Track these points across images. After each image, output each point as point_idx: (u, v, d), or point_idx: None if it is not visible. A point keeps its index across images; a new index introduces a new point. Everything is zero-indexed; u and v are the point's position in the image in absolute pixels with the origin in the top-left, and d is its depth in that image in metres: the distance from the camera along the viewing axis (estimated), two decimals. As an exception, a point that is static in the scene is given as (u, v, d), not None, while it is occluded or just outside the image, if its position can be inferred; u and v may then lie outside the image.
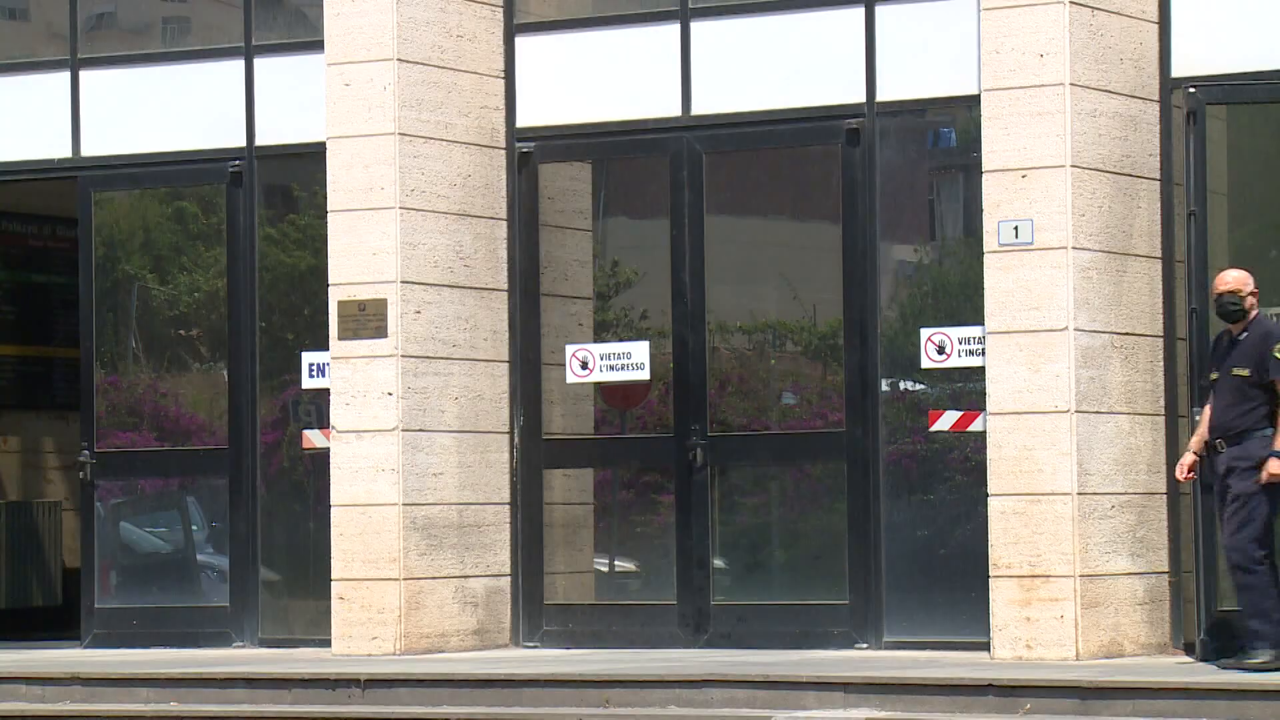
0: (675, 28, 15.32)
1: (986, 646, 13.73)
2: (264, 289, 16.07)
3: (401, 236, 14.97)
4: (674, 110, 15.32)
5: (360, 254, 15.01)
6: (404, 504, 14.90)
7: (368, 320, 14.98)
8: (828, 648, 14.54)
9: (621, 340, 15.58)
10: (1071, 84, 13.61)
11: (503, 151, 15.61)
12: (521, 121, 15.65)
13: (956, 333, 14.44)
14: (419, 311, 15.05)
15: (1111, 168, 13.90)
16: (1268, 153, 14.37)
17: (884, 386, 14.81)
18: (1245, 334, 13.09)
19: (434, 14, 15.18)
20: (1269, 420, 13.01)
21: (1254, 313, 13.17)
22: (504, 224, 15.62)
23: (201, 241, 16.56)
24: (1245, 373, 13.05)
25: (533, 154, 15.65)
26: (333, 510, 15.08)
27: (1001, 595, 13.65)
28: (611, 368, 15.53)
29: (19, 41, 17.40)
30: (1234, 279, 13.20)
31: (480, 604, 15.38)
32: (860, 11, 14.80)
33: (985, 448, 13.84)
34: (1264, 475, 12.86)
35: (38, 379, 19.41)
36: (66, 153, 16.57)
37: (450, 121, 15.29)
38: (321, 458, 15.44)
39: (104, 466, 16.48)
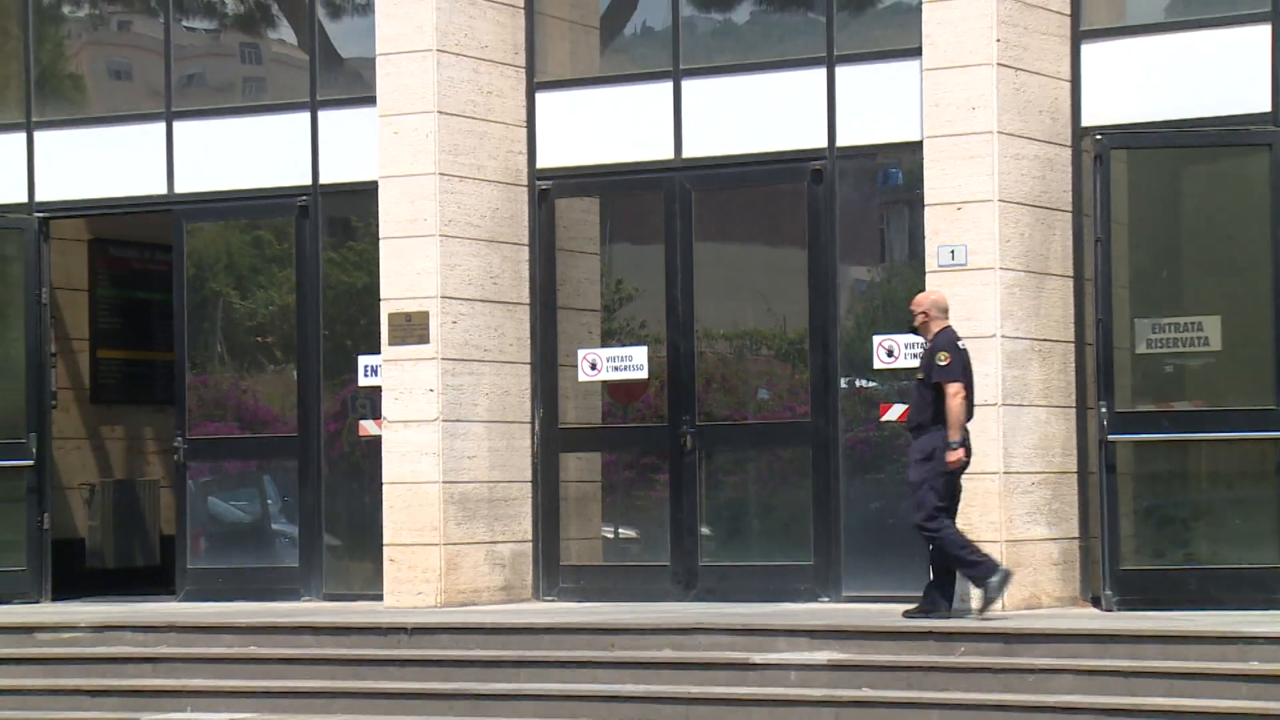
0: (669, 85, 15.30)
1: (928, 600, 13.69)
2: (327, 303, 16.06)
3: (441, 259, 14.95)
4: (668, 154, 15.29)
5: (407, 274, 14.99)
6: (443, 482, 14.87)
7: (413, 329, 14.95)
8: (796, 601, 14.54)
9: (624, 345, 15.56)
10: (998, 132, 13.60)
11: (525, 189, 15.58)
12: (541, 163, 15.63)
13: (903, 339, 14.40)
14: (455, 322, 15.03)
15: (1032, 202, 13.87)
16: (1160, 189, 14.35)
17: (843, 384, 14.81)
18: (930, 344, 13.17)
19: (468, 74, 15.16)
20: (937, 418, 13.03)
21: (937, 327, 13.21)
22: (526, 249, 15.59)
23: (275, 264, 16.54)
24: (921, 377, 13.19)
25: (550, 191, 15.62)
26: (384, 487, 15.07)
27: (940, 557, 13.62)
28: (616, 368, 15.51)
29: (124, 98, 17.38)
30: (916, 299, 13.44)
31: (507, 565, 15.35)
32: (823, 71, 14.78)
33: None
34: (946, 464, 12.95)
35: (140, 378, 19.38)
36: (163, 190, 16.55)
37: (481, 164, 15.26)
38: (374, 443, 15.42)
39: (194, 451, 16.48)
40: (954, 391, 12.95)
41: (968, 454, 13.02)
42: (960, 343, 13.14)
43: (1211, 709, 11.48)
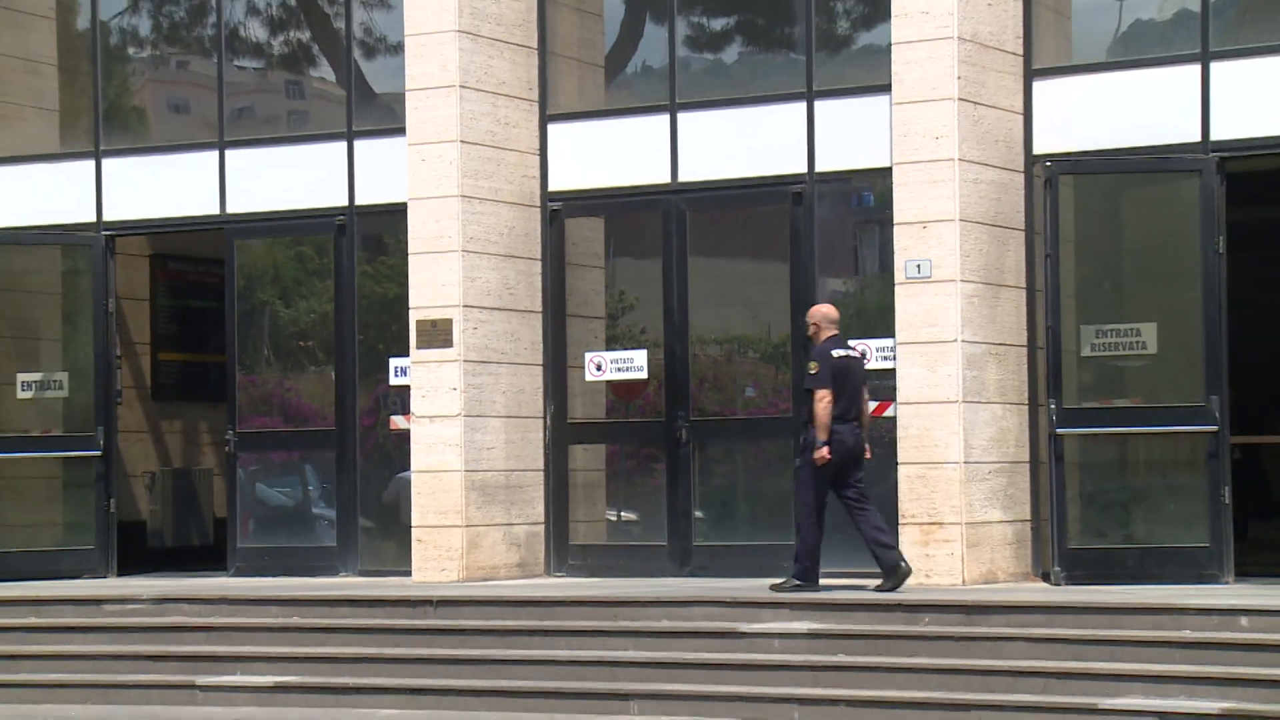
0: (666, 117, 15.30)
1: (896, 576, 13.69)
2: (362, 311, 16.04)
3: (463, 273, 14.94)
4: (665, 178, 15.29)
5: (433, 286, 14.98)
6: (465, 470, 14.87)
7: (438, 334, 14.95)
8: (779, 577, 14.48)
9: (626, 349, 15.54)
10: (959, 159, 13.60)
11: (538, 209, 15.58)
12: (552, 187, 15.62)
13: (875, 343, 14.39)
14: (476, 328, 15.02)
15: (989, 221, 13.87)
16: (1102, 210, 14.36)
17: (820, 383, 14.76)
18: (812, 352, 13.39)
19: (487, 108, 15.16)
20: (811, 419, 13.17)
21: (825, 335, 13.34)
22: (539, 263, 15.58)
23: (315, 276, 16.53)
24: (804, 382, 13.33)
25: (560, 211, 15.62)
26: (413, 476, 15.06)
27: (908, 537, 13.63)
28: (619, 369, 15.50)
29: (182, 129, 17.40)
30: (809, 311, 13.65)
31: (522, 544, 15.35)
32: (803, 105, 14.78)
33: (896, 429, 13.84)
34: (815, 458, 13.11)
35: (195, 378, 19.38)
36: (216, 210, 16.53)
37: (499, 187, 15.26)
38: (404, 436, 15.41)
39: (244, 443, 16.46)
40: (819, 397, 13.08)
41: (850, 450, 13.17)
42: (839, 351, 13.24)
43: (1149, 673, 11.49)
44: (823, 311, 13.50)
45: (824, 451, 13.06)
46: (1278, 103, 13.59)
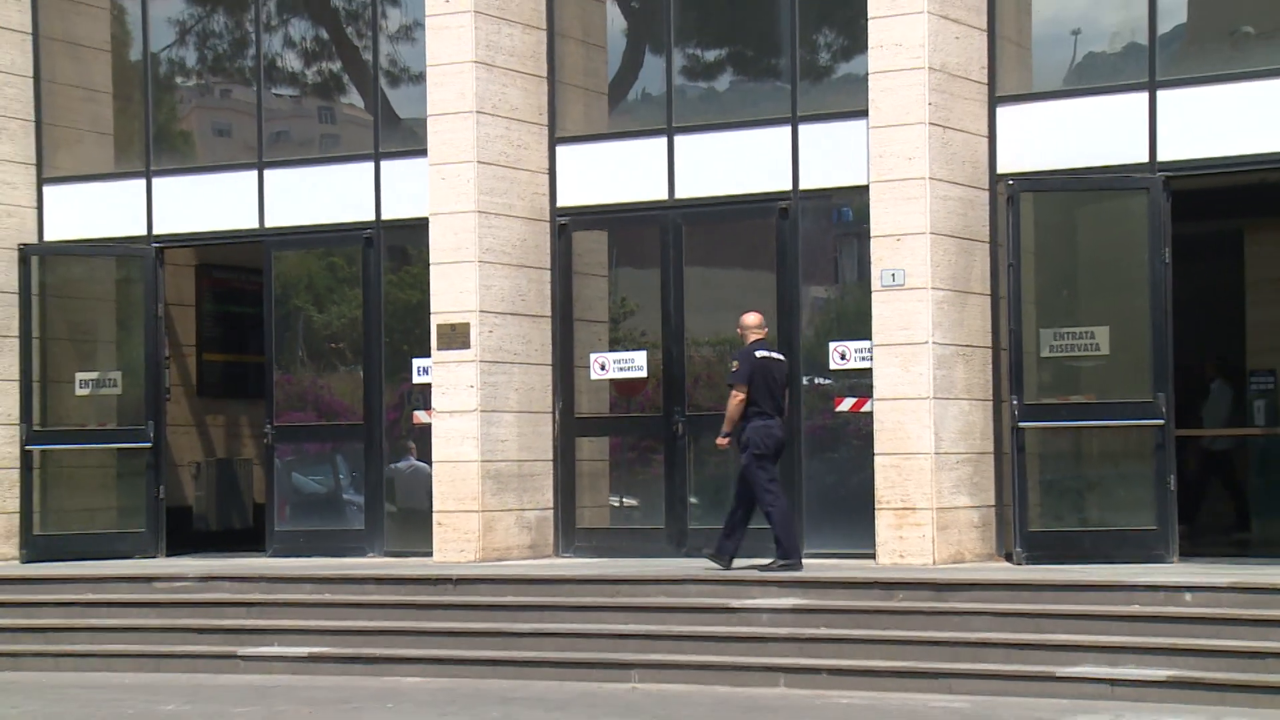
0: (664, 140, 15.29)
1: (873, 556, 13.70)
2: (387, 316, 16.03)
3: (479, 281, 14.93)
4: (663, 195, 15.27)
5: (452, 293, 14.98)
6: (481, 460, 14.86)
7: (457, 337, 14.94)
8: (766, 557, 14.47)
9: (628, 350, 15.53)
10: (930, 178, 13.59)
11: (547, 223, 15.57)
12: (560, 203, 15.61)
13: (853, 345, 14.39)
14: (491, 331, 15.01)
15: (956, 234, 13.87)
16: (1060, 224, 14.35)
17: (804, 381, 14.78)
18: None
19: (501, 131, 15.16)
20: (744, 415, 13.24)
21: (751, 339, 13.50)
22: (548, 272, 15.57)
23: (345, 284, 16.52)
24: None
25: (568, 225, 15.61)
26: (434, 465, 15.05)
27: (883, 521, 13.62)
28: (621, 369, 15.49)
29: (225, 151, 17.38)
30: (740, 318, 13.71)
31: (532, 528, 15.34)
32: (788, 129, 14.79)
33: (872, 422, 13.82)
34: (717, 444, 13.35)
35: (237, 377, 19.40)
36: (255, 224, 16.52)
37: (512, 203, 15.25)
38: (425, 429, 15.40)
39: (280, 435, 16.46)
40: (733, 394, 13.25)
41: (779, 441, 13.31)
42: (761, 353, 13.37)
43: (1102, 644, 11.50)
44: (749, 320, 13.67)
45: (724, 441, 13.26)
46: (1218, 127, 13.59)
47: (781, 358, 13.74)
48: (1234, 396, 16.13)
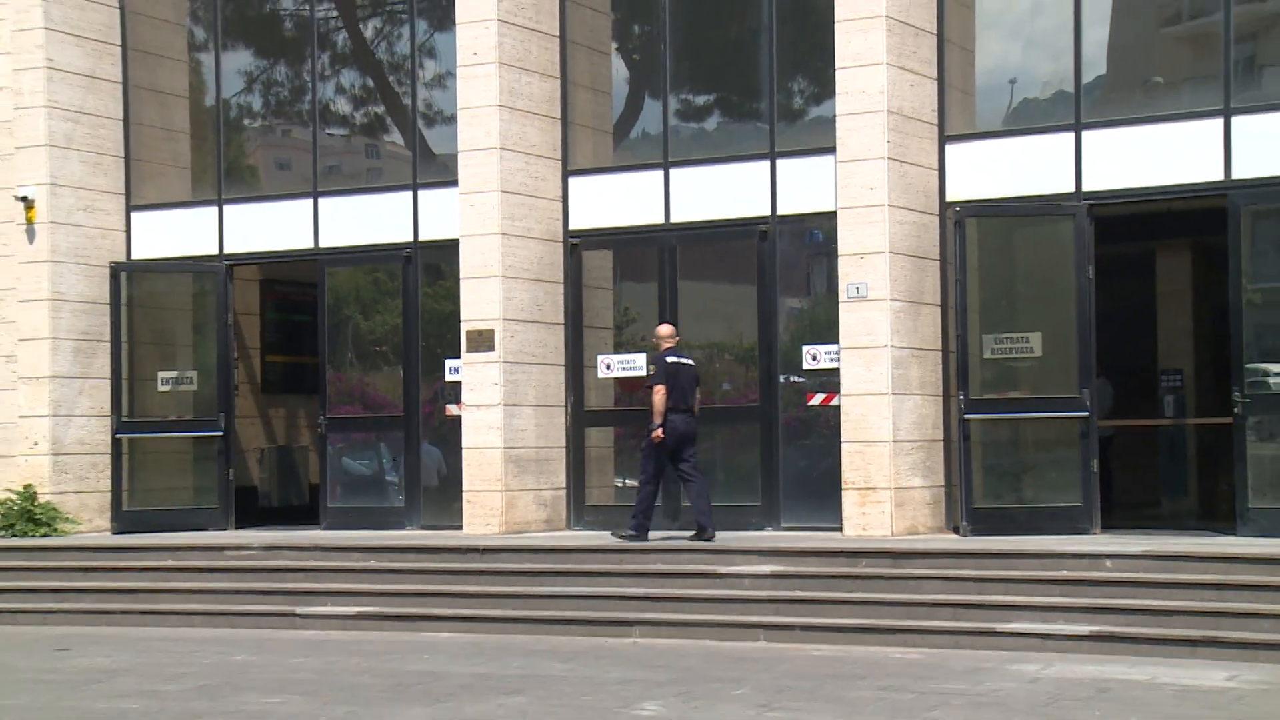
0: (661, 172, 15.29)
1: (840, 529, 13.68)
2: (424, 323, 16.01)
3: (503, 293, 14.92)
4: (660, 219, 15.26)
5: (479, 303, 14.97)
6: (504, 447, 14.85)
7: (483, 341, 14.93)
8: (749, 530, 14.52)
9: (630, 353, 15.50)
10: (889, 205, 13.59)
11: (560, 244, 15.56)
12: (572, 226, 15.60)
13: (823, 348, 14.38)
14: (512, 336, 15.00)
15: (912, 253, 13.86)
16: (1000, 245, 14.34)
17: (781, 379, 14.77)
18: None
19: (521, 165, 15.16)
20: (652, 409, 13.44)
21: (665, 347, 13.64)
22: (562, 286, 15.56)
23: (388, 296, 16.50)
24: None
25: (578, 245, 15.60)
26: (464, 451, 15.04)
27: (849, 500, 13.62)
28: (624, 369, 15.48)
29: (285, 182, 17.36)
30: (656, 329, 13.93)
31: (548, 505, 15.32)
32: (767, 163, 14.77)
33: (840, 415, 13.79)
34: (653, 438, 13.42)
35: (295, 375, 19.39)
36: (310, 245, 16.53)
37: (531, 227, 15.24)
38: (456, 421, 15.39)
39: (332, 425, 16.45)
40: (655, 392, 13.39)
41: (682, 433, 13.39)
42: (673, 359, 13.54)
43: (1035, 604, 11.49)
44: (662, 330, 13.84)
45: (659, 433, 13.34)
46: (1134, 162, 13.58)
47: (691, 362, 13.79)
48: (1113, 392, 16.11)
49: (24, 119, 16.40)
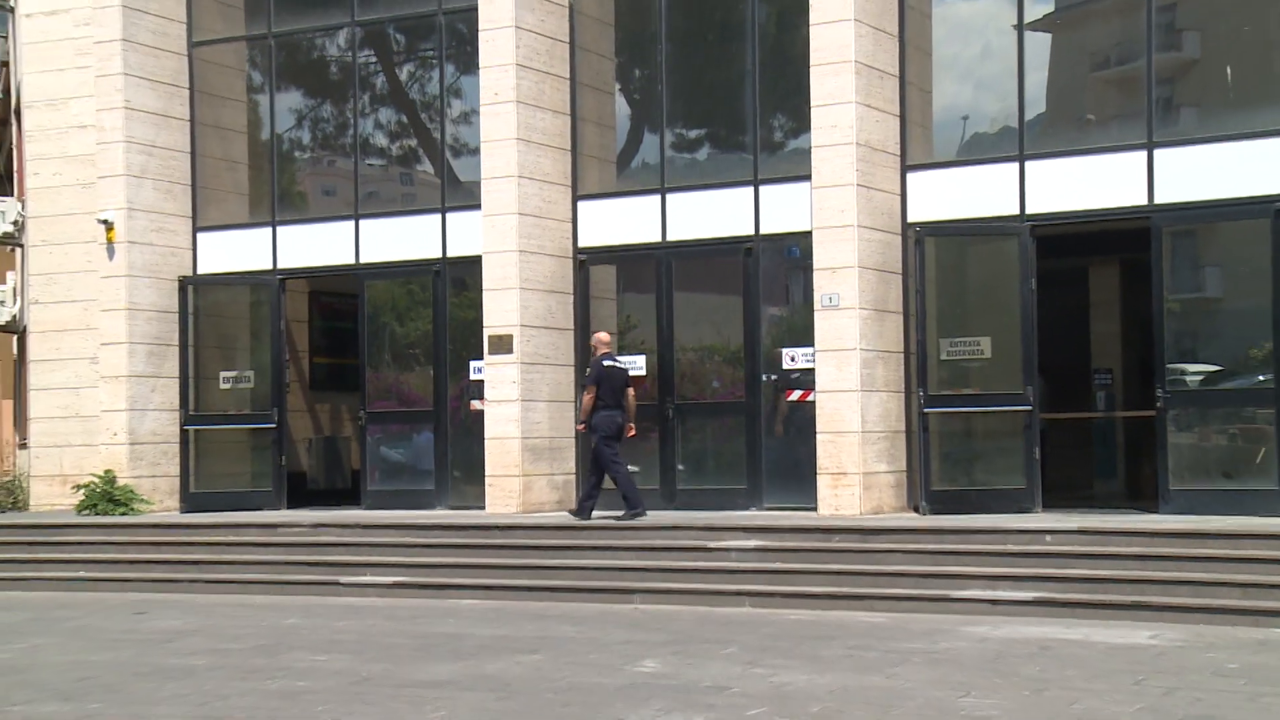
0: (658, 197, 15.28)
1: (815, 509, 13.66)
2: (451, 329, 16.00)
3: (520, 303, 14.91)
4: (657, 238, 15.25)
5: (500, 312, 14.95)
6: (522, 438, 14.84)
7: (503, 345, 14.92)
8: (736, 510, 14.51)
9: (631, 355, 15.45)
10: (858, 225, 13.59)
11: (570, 260, 15.54)
12: (581, 244, 15.58)
13: (801, 351, 14.37)
14: (529, 341, 14.99)
15: (878, 268, 13.85)
16: (955, 260, 14.34)
17: (763, 378, 14.76)
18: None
19: (536, 190, 15.15)
20: (595, 408, 13.48)
21: (598, 352, 13.71)
22: (571, 296, 15.54)
23: (420, 305, 16.49)
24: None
25: (586, 261, 15.58)
26: (486, 441, 15.02)
27: (823, 483, 13.60)
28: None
29: (329, 206, 17.32)
30: (593, 336, 14.03)
31: (560, 488, 15.31)
32: (752, 189, 14.78)
33: (815, 409, 13.77)
34: (577, 428, 13.65)
35: (339, 375, 19.41)
36: (351, 261, 16.53)
37: (544, 244, 15.23)
38: (479, 414, 15.36)
39: (371, 419, 16.42)
40: (585, 393, 13.50)
41: (619, 426, 13.49)
42: (607, 362, 13.60)
43: (985, 574, 11.49)
44: (598, 338, 13.94)
45: (581, 426, 13.49)
46: (1070, 189, 13.59)
47: (624, 366, 13.87)
48: (1044, 388, 16.14)
49: (105, 152, 16.46)
